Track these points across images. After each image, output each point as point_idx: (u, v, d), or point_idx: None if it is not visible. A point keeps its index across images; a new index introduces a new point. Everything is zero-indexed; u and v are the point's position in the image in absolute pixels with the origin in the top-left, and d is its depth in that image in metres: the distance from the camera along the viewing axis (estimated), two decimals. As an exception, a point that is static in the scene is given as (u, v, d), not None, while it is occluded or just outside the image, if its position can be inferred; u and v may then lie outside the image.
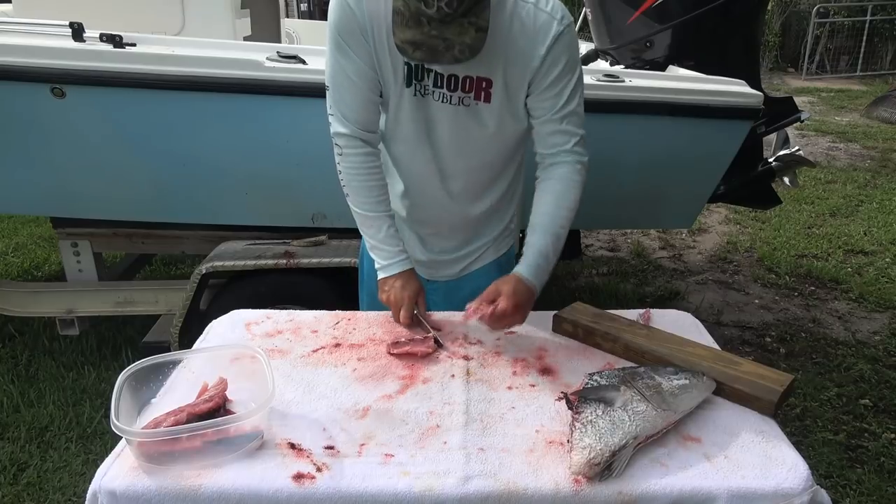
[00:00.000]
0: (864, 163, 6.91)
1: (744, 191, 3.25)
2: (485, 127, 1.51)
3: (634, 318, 1.56)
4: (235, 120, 2.50)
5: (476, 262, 1.76)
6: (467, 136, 1.52)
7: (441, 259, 1.75)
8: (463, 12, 1.24)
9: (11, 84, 2.38)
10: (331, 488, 1.04)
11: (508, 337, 1.51)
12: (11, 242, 4.54)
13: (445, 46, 1.26)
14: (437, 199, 1.63)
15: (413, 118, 1.51)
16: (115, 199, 2.72)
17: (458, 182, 1.61)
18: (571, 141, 1.53)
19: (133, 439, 1.07)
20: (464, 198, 1.64)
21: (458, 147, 1.54)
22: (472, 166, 1.59)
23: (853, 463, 2.56)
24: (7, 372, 3.01)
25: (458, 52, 1.27)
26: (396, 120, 1.53)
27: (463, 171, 1.59)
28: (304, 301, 2.43)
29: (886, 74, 12.47)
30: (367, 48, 1.43)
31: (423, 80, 1.46)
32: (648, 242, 4.85)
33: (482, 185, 1.64)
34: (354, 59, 1.44)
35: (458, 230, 1.71)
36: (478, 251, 1.74)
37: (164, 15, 3.09)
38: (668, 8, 3.05)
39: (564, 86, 1.48)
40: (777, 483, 1.06)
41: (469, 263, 1.76)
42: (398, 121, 1.53)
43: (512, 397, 1.28)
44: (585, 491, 1.04)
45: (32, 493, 2.34)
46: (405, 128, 1.54)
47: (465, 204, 1.65)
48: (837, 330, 3.62)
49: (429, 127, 1.52)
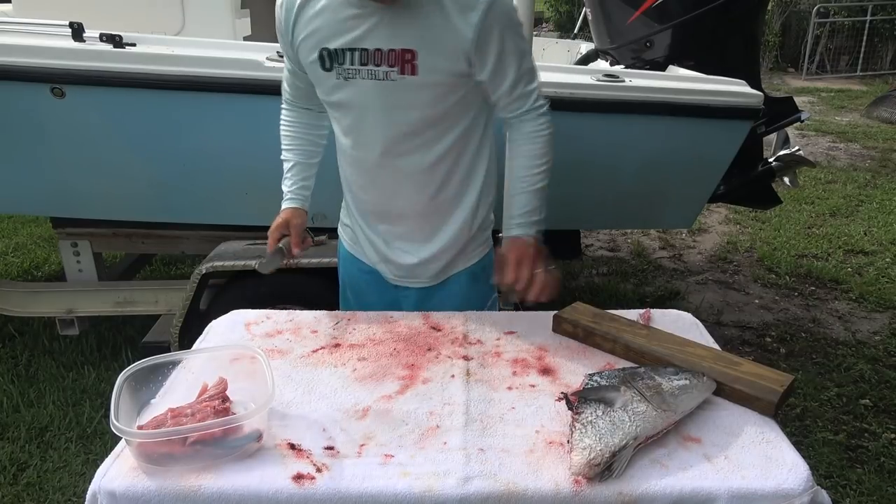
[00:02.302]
0: (864, 163, 6.91)
1: (744, 191, 3.25)
2: (414, 98, 1.49)
3: (634, 318, 1.56)
4: (235, 120, 2.50)
5: (446, 269, 1.72)
6: (398, 110, 1.51)
7: (407, 262, 1.70)
8: None
9: (11, 84, 2.38)
10: (331, 489, 1.04)
11: (508, 337, 1.51)
12: (11, 242, 4.54)
13: None
14: (387, 183, 1.63)
15: (343, 103, 1.54)
16: (115, 199, 2.72)
17: (401, 161, 1.58)
18: (530, 99, 1.56)
19: (133, 440, 1.07)
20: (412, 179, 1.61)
21: (391, 123, 1.53)
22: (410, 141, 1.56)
23: (853, 463, 2.56)
24: (7, 372, 3.01)
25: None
26: (332, 106, 1.59)
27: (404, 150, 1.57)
28: (304, 301, 2.42)
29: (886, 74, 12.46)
30: (287, 42, 1.55)
31: (343, 63, 1.48)
32: (648, 242, 4.85)
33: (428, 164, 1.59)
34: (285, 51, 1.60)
35: (418, 221, 1.67)
36: (445, 255, 1.70)
37: (164, 15, 3.09)
38: (668, 8, 3.05)
39: (509, 55, 1.48)
40: (777, 483, 1.06)
41: (439, 271, 1.72)
42: (333, 107, 1.59)
43: (512, 397, 1.28)
44: (585, 492, 1.04)
45: (32, 493, 2.34)
46: (340, 113, 1.58)
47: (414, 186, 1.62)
48: (837, 330, 3.62)
49: (360, 108, 1.53)
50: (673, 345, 1.42)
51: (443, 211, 1.67)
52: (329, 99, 1.57)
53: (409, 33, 1.43)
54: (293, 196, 1.72)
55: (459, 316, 1.60)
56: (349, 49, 1.46)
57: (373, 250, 1.74)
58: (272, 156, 2.62)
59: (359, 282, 1.82)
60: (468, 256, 1.73)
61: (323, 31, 1.48)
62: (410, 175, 1.60)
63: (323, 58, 1.49)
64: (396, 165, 1.59)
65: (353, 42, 1.46)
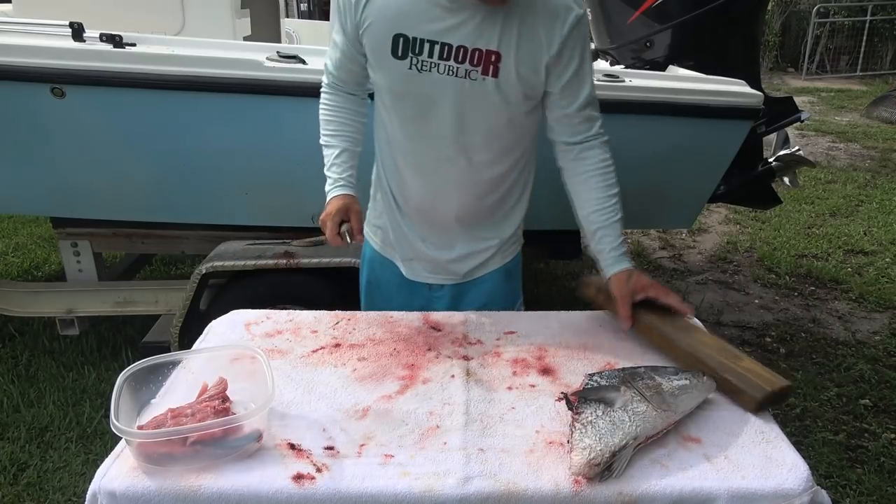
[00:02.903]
0: (864, 163, 6.91)
1: (744, 191, 3.25)
2: (491, 101, 1.46)
3: None
4: (235, 120, 2.50)
5: (481, 267, 1.71)
6: (472, 110, 1.47)
7: (443, 258, 1.69)
8: None
9: (11, 84, 2.38)
10: (331, 489, 1.04)
11: (508, 337, 1.51)
12: (11, 242, 4.54)
13: None
14: (439, 181, 1.59)
15: (410, 94, 1.48)
16: (115, 199, 2.72)
17: (461, 159, 1.55)
18: (596, 125, 1.54)
19: (133, 440, 1.07)
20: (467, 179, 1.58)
21: (461, 123, 1.49)
22: (476, 143, 1.53)
23: (853, 463, 2.56)
24: (7, 372, 3.01)
25: None
26: (394, 95, 1.52)
27: (465, 149, 1.53)
28: (304, 301, 2.42)
29: (886, 74, 12.47)
30: (353, 21, 1.46)
31: (420, 55, 1.42)
32: (648, 242, 4.85)
33: (485, 165, 1.58)
34: (343, 29, 1.50)
35: (463, 221, 1.65)
36: (483, 254, 1.70)
37: (164, 15, 3.10)
38: (668, 8, 3.05)
39: (585, 74, 1.47)
40: (777, 483, 1.06)
41: (474, 268, 1.71)
42: (395, 96, 1.52)
43: (512, 398, 1.28)
44: (585, 492, 1.04)
45: (32, 493, 2.34)
46: (402, 104, 1.52)
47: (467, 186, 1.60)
48: (837, 330, 3.62)
49: (429, 102, 1.47)
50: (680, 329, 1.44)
51: (487, 215, 1.67)
52: (393, 87, 1.50)
53: (496, 34, 1.39)
54: (345, 183, 1.60)
55: (459, 316, 1.60)
56: (430, 41, 1.40)
57: (409, 247, 1.70)
58: (272, 156, 2.64)
59: (389, 285, 1.78)
60: (504, 255, 1.73)
61: (402, 17, 1.41)
62: (467, 173, 1.57)
63: (397, 44, 1.42)
64: (456, 163, 1.56)
65: (436, 34, 1.40)
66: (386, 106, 1.56)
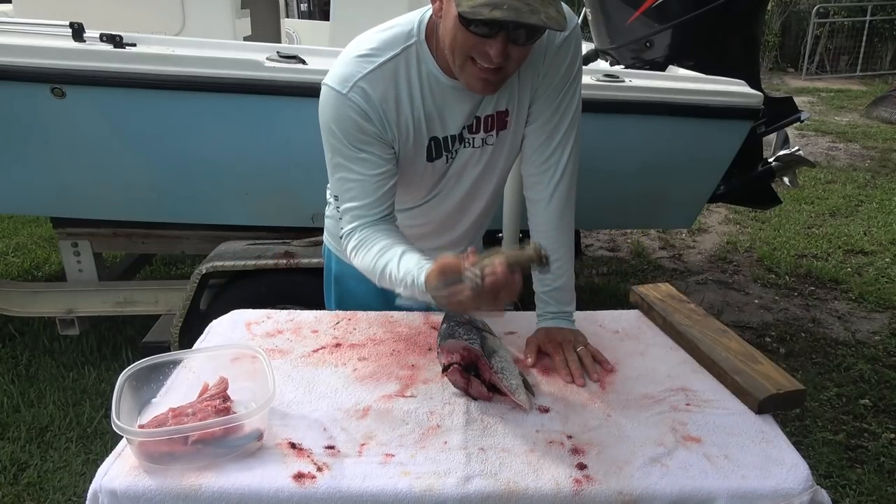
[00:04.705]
0: (863, 163, 6.91)
1: (744, 191, 3.25)
2: (506, 152, 1.45)
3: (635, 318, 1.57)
4: (235, 120, 2.50)
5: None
6: (492, 168, 1.46)
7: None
8: None
9: (11, 84, 2.38)
10: (331, 488, 1.04)
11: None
12: (11, 242, 4.54)
13: (530, 9, 1.09)
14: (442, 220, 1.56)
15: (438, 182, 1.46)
16: (115, 199, 2.72)
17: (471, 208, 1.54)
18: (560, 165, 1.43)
19: (134, 439, 1.07)
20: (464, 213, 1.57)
21: (482, 183, 1.48)
22: (481, 204, 1.53)
23: (853, 463, 2.57)
24: (7, 372, 3.01)
25: (545, 18, 1.10)
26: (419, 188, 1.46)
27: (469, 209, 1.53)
28: (305, 301, 2.42)
29: (886, 74, 12.47)
30: (380, 137, 1.30)
31: (452, 146, 1.37)
32: (648, 242, 4.85)
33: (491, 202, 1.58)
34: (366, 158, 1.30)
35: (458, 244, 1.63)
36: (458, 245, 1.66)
37: (164, 15, 3.10)
38: (668, 8, 3.05)
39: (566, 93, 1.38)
40: (777, 483, 1.06)
41: None
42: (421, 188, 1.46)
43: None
44: (586, 491, 1.04)
45: (32, 493, 2.34)
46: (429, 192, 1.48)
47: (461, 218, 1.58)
48: (837, 330, 3.62)
49: (456, 179, 1.46)
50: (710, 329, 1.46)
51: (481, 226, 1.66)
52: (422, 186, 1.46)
53: (505, 94, 1.35)
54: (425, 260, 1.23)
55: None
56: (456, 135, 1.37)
57: None
58: (272, 156, 2.64)
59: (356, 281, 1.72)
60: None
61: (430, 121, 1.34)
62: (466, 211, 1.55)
63: (430, 148, 1.37)
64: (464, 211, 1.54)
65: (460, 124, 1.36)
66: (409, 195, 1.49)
